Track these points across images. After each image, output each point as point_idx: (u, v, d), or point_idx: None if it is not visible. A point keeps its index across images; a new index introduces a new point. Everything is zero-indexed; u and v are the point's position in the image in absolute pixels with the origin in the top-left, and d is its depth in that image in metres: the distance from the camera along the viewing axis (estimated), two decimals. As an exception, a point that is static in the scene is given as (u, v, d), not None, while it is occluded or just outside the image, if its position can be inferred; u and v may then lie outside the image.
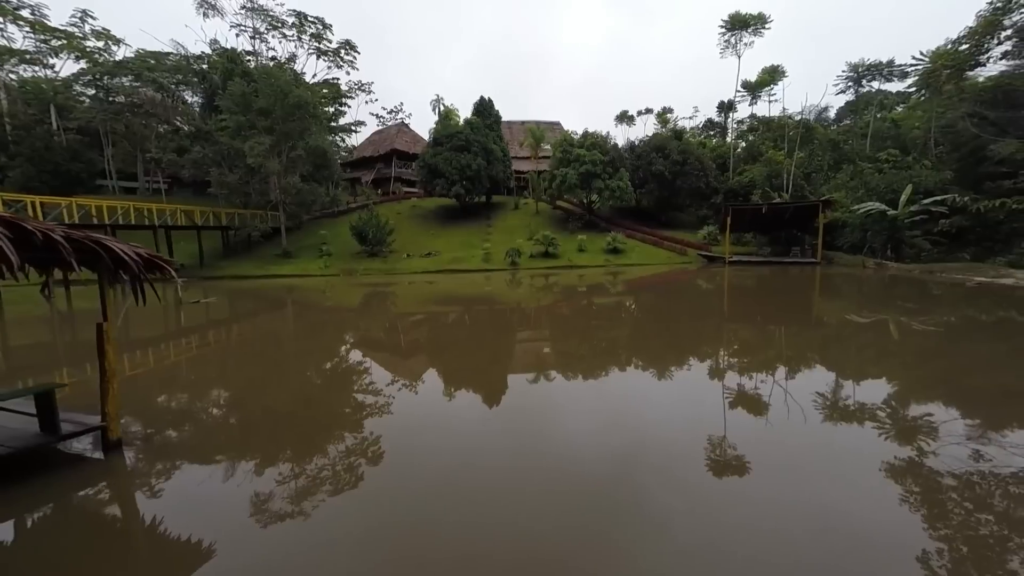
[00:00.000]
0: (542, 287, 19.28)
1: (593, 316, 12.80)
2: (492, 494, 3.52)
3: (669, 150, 32.06)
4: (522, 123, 48.54)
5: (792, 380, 6.54)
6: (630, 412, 5.37)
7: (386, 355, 8.74)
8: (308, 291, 19.22)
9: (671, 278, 21.74)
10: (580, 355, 8.36)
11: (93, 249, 3.61)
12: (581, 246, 28.77)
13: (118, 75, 32.82)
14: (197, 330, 11.66)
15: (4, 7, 29.77)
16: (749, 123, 44.28)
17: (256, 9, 38.64)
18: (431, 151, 33.09)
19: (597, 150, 30.89)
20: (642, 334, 10.61)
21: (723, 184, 34.06)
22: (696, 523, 3.12)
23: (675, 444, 4.43)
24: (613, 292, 17.81)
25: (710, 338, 9.83)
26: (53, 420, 3.78)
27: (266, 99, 26.78)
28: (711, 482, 3.65)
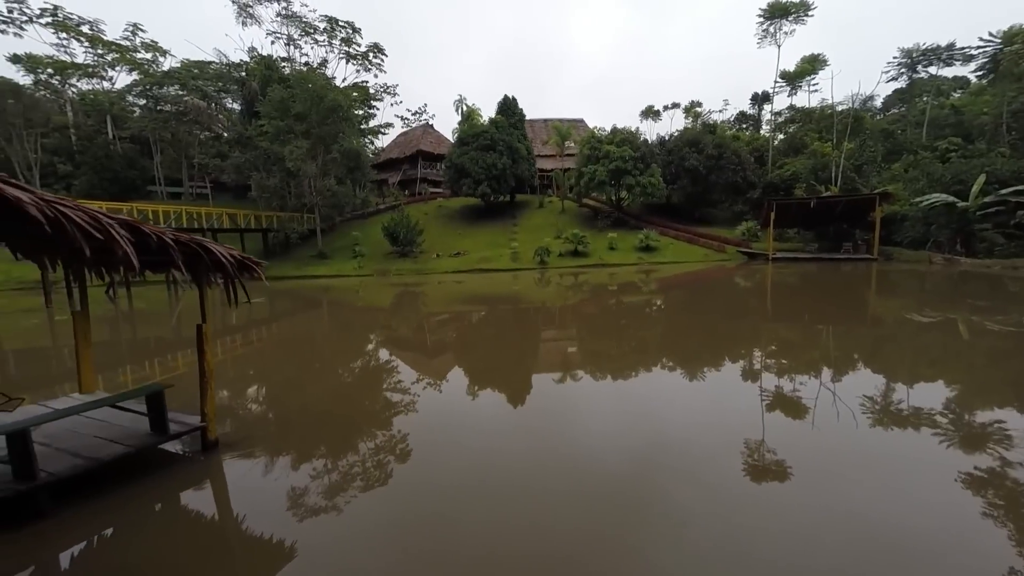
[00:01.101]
0: (571, 286, 19.03)
1: (625, 315, 12.49)
2: (515, 492, 3.52)
3: (703, 144, 30.91)
4: (544, 121, 48.17)
5: (840, 382, 6.14)
6: (658, 413, 5.18)
7: (425, 354, 8.79)
8: (343, 291, 19.71)
9: (708, 276, 20.94)
10: (611, 355, 8.17)
11: (196, 251, 3.72)
12: (612, 244, 28.21)
13: (166, 85, 34.85)
14: (253, 327, 12.15)
15: (68, 24, 32.18)
16: (788, 115, 42.13)
17: (291, 16, 40.10)
18: (457, 151, 33.33)
19: (627, 146, 30.18)
20: (676, 333, 10.25)
21: (761, 178, 32.54)
22: (721, 527, 2.96)
23: (705, 447, 4.21)
24: (646, 290, 17.36)
25: (751, 338, 9.36)
26: (163, 420, 3.87)
27: (302, 104, 27.70)
28: (744, 487, 3.43)
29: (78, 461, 3.35)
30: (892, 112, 41.91)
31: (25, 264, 18.20)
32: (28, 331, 12.60)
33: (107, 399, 3.73)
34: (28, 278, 20.16)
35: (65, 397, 4.84)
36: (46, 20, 32.06)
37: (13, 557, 2.78)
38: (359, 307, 16.10)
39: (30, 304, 16.65)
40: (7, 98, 29.09)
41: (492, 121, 34.53)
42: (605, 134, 33.13)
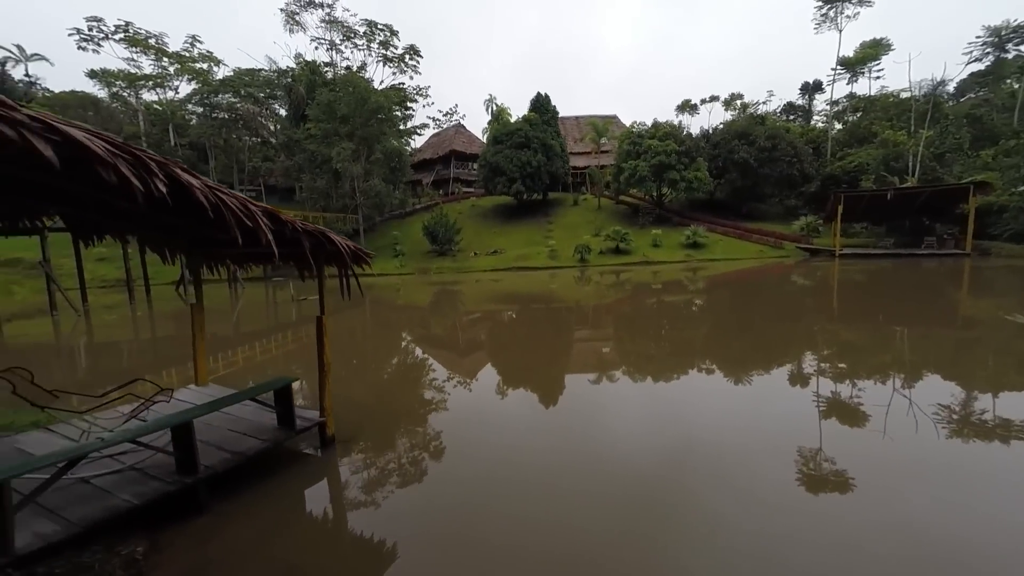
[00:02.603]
0: (614, 284, 18.55)
1: (671, 314, 11.98)
2: (544, 490, 3.52)
3: (754, 136, 29.29)
4: (576, 119, 47.33)
5: (915, 388, 5.63)
6: (699, 418, 4.95)
7: (469, 352, 8.69)
8: (384, 289, 20.05)
9: (764, 273, 19.79)
10: (654, 356, 7.88)
11: (320, 241, 3.73)
12: (656, 241, 27.30)
13: (221, 92, 36.86)
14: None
15: (137, 38, 34.66)
16: (847, 103, 39.22)
17: (333, 22, 41.40)
18: (491, 149, 33.29)
19: (671, 140, 29.08)
20: (727, 334, 9.68)
21: (819, 171, 30.46)
22: (758, 533, 2.84)
23: (750, 453, 3.97)
24: (693, 288, 16.66)
25: (814, 339, 8.72)
26: (290, 414, 3.91)
27: (347, 106, 28.51)
28: (791, 496, 3.23)
29: (226, 455, 3.39)
30: (969, 97, 38.07)
31: (108, 263, 19.55)
32: (113, 325, 13.54)
33: (245, 393, 3.76)
34: (110, 276, 21.86)
35: (186, 388, 5.00)
36: (119, 36, 34.67)
37: (192, 551, 2.78)
38: (418, 306, 16.31)
39: (112, 300, 17.99)
40: (87, 111, 31.57)
41: (525, 118, 34.19)
42: (645, 128, 32.10)
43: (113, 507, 2.62)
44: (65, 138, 2.18)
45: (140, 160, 2.44)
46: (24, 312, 15.05)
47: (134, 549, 2.65)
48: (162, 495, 2.81)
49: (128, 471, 3.10)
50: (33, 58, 42.03)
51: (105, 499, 2.71)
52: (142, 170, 2.44)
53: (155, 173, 2.49)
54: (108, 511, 2.58)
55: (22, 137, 2.05)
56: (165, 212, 4.10)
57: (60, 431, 3.74)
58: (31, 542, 2.23)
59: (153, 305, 16.87)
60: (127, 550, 2.63)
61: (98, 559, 2.50)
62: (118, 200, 3.72)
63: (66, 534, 2.32)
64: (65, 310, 13.89)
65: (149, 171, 2.47)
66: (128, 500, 2.70)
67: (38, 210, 3.86)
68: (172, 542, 2.81)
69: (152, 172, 2.48)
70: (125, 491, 2.82)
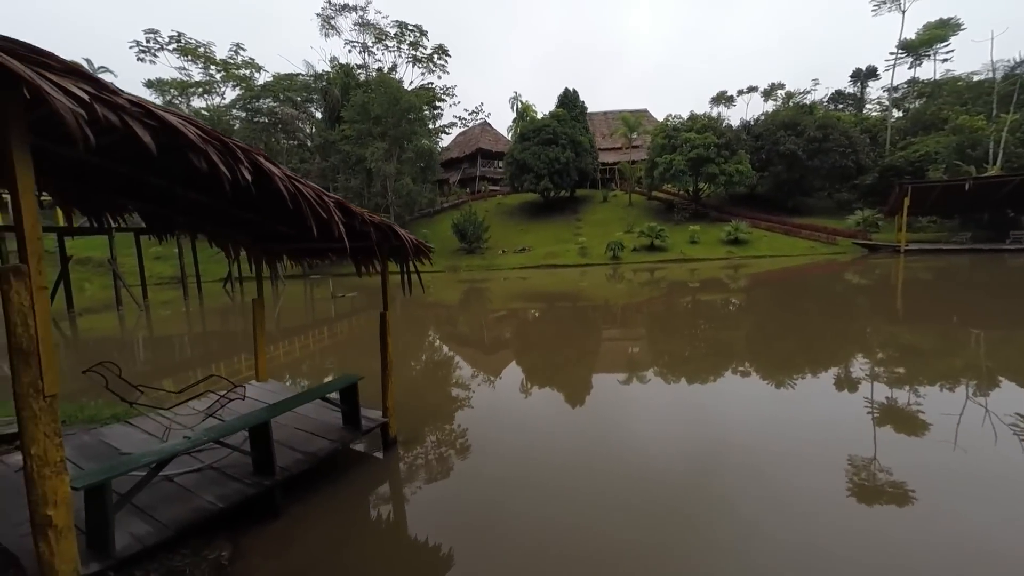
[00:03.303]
0: (647, 282, 17.88)
1: (710, 313, 11.30)
2: (574, 492, 3.37)
3: (803, 126, 27.52)
4: (604, 114, 46.20)
5: (994, 396, 5.09)
6: (735, 422, 4.64)
7: (511, 352, 8.39)
8: (413, 286, 20.09)
9: (815, 271, 18.49)
10: (686, 356, 7.48)
11: (387, 234, 3.60)
12: (693, 237, 26.18)
13: (262, 97, 38.54)
14: (363, 319, 12.69)
15: (188, 48, 36.80)
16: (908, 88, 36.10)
17: (366, 24, 42.35)
18: (518, 146, 32.98)
19: (710, 132, 27.76)
20: (771, 335, 9.05)
21: (877, 161, 28.19)
22: (802, 554, 2.59)
23: (792, 461, 3.69)
24: (734, 287, 15.76)
25: (871, 341, 7.98)
26: (356, 414, 3.81)
27: (380, 106, 29.05)
28: (842, 513, 2.96)
29: (298, 456, 3.28)
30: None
31: (163, 261, 20.59)
32: (170, 319, 14.28)
33: (315, 392, 3.65)
34: (165, 274, 23.28)
35: (250, 384, 5.01)
36: (173, 46, 36.94)
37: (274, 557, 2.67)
38: (449, 304, 16.30)
39: (167, 296, 19.09)
40: (143, 119, 33.68)
41: (553, 114, 33.68)
42: (681, 121, 30.84)
43: (200, 509, 2.54)
44: (162, 123, 2.07)
45: (228, 147, 2.33)
46: (93, 307, 16.14)
47: (219, 554, 2.56)
48: (244, 498, 2.71)
49: (207, 470, 3.04)
50: (100, 71, 45.50)
51: (190, 500, 2.63)
52: (229, 157, 2.33)
53: (241, 160, 2.38)
54: (195, 513, 2.50)
55: (123, 122, 1.95)
56: (236, 206, 4.11)
57: (139, 425, 3.78)
58: (129, 544, 2.16)
59: (204, 302, 17.73)
60: (213, 554, 2.54)
61: (188, 563, 2.41)
62: (194, 193, 3.73)
63: (160, 537, 2.24)
64: (128, 305, 14.79)
65: (236, 158, 2.36)
66: (213, 502, 2.61)
67: (120, 206, 3.92)
68: (253, 547, 2.71)
69: (238, 159, 2.37)
70: (207, 491, 2.74)
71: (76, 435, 3.57)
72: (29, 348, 1.73)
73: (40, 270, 1.79)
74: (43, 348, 1.76)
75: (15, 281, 1.72)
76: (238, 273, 20.66)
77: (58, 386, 1.81)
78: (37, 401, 1.75)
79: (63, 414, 4.50)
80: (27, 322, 1.73)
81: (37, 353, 1.74)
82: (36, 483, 1.74)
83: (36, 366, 1.74)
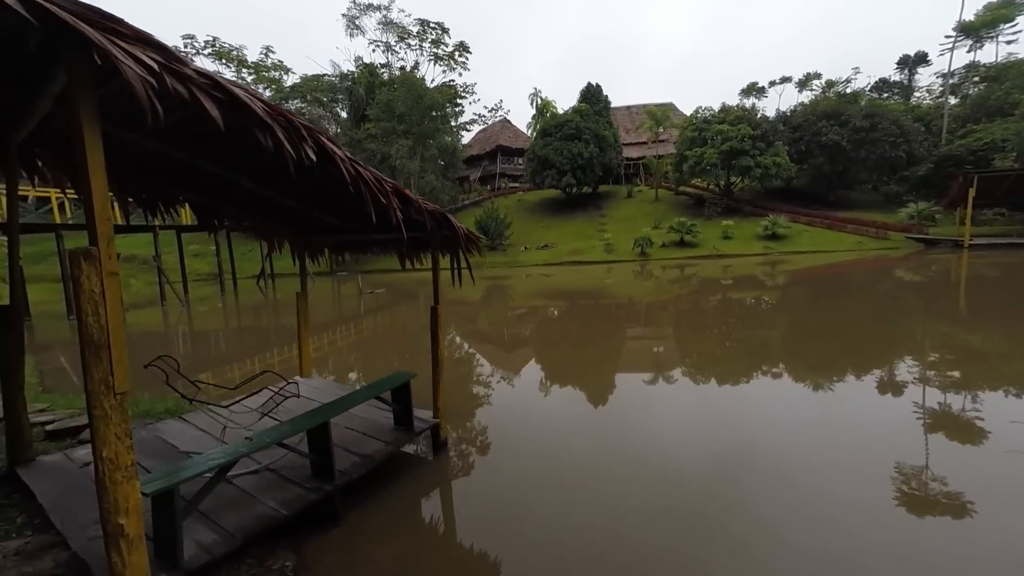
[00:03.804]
0: (677, 279, 17.16)
1: (746, 312, 10.57)
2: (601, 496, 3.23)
3: (847, 116, 25.87)
4: (627, 108, 44.98)
5: None
6: (767, 425, 4.44)
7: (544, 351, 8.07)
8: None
9: (864, 267, 17.33)
10: (717, 356, 7.14)
11: (440, 223, 3.40)
12: (726, 232, 25.12)
13: (291, 98, 39.57)
14: (393, 315, 12.71)
15: (222, 51, 38.18)
16: (967, 73, 33.36)
17: (389, 23, 42.80)
18: (540, 142, 32.49)
19: (744, 124, 26.51)
20: (811, 335, 8.47)
21: (932, 151, 26.21)
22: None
23: (829, 468, 3.49)
24: (771, 284, 14.90)
25: (928, 342, 7.37)
26: (408, 414, 3.62)
27: (404, 104, 29.23)
28: (884, 524, 2.71)
29: (354, 458, 3.11)
30: None
31: (200, 259, 21.24)
32: (210, 315, 14.74)
33: (368, 390, 3.47)
34: (203, 271, 24.22)
35: (295, 382, 4.93)
36: (208, 51, 38.43)
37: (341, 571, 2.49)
38: (472, 302, 16.17)
39: (205, 292, 19.79)
40: (180, 121, 35.21)
41: (576, 109, 32.99)
42: (712, 113, 29.63)
43: (263, 516, 2.39)
44: (230, 97, 1.89)
45: (292, 125, 2.15)
46: (138, 303, 16.88)
47: (283, 564, 2.40)
48: (307, 505, 2.54)
49: (264, 471, 2.90)
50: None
51: (252, 505, 2.48)
52: (294, 135, 2.15)
53: (305, 139, 2.20)
54: (260, 520, 2.35)
55: (192, 95, 1.78)
56: (286, 194, 3.99)
57: (193, 421, 3.72)
58: (197, 554, 2.02)
59: (239, 297, 18.26)
60: (277, 564, 2.38)
61: (253, 574, 2.25)
62: (247, 180, 3.62)
63: (228, 547, 2.09)
64: (171, 301, 15.36)
65: (300, 136, 2.18)
66: (275, 508, 2.45)
67: (172, 197, 3.87)
68: (318, 558, 2.54)
69: (303, 137, 2.19)
70: (268, 496, 2.59)
71: (134, 431, 3.52)
72: (100, 340, 1.58)
73: (110, 254, 1.64)
74: (113, 340, 1.61)
75: (85, 265, 1.56)
76: (270, 270, 21.19)
77: (128, 382, 1.67)
78: (108, 399, 1.60)
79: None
80: (98, 311, 1.58)
81: (108, 345, 1.59)
82: (108, 489, 1.60)
83: (107, 360, 1.59)
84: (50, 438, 3.41)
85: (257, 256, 24.40)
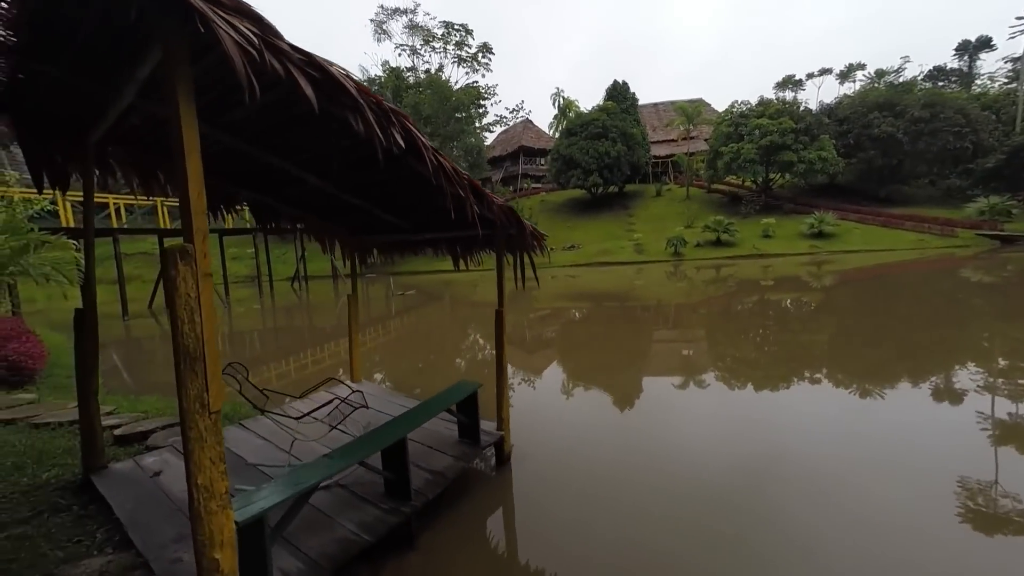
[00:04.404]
0: (712, 280, 16.26)
1: (796, 316, 9.78)
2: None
3: (903, 106, 24.01)
4: (654, 105, 43.70)
5: None
6: (810, 437, 4.20)
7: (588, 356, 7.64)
8: (462, 285, 19.99)
9: (927, 267, 15.92)
10: (756, 362, 6.62)
11: (510, 221, 3.20)
12: (767, 231, 23.83)
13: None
14: (431, 322, 12.66)
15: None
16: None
17: (415, 27, 43.53)
18: (564, 142, 31.94)
19: (786, 117, 25.13)
20: (864, 339, 7.76)
21: (1004, 141, 23.98)
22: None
23: (883, 485, 3.22)
24: (817, 286, 13.85)
25: (992, 348, 6.63)
26: (475, 427, 3.37)
27: (431, 106, 29.49)
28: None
29: (425, 475, 2.87)
30: None
31: (238, 261, 21.91)
32: (250, 315, 15.16)
33: (438, 401, 3.22)
34: (240, 273, 25.16)
35: (360, 390, 4.77)
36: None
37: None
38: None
39: (242, 294, 20.47)
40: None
41: (602, 107, 32.29)
42: (750, 107, 28.30)
43: (345, 541, 2.18)
44: (326, 76, 1.67)
45: (381, 108, 1.93)
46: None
47: (367, 595, 2.16)
48: (388, 529, 2.31)
49: (335, 488, 2.70)
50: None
51: (331, 528, 2.28)
52: (383, 119, 1.93)
53: (393, 123, 1.98)
54: (341, 547, 2.13)
55: (287, 72, 1.57)
56: (350, 190, 3.82)
57: (254, 428, 3.60)
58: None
59: (275, 299, 18.78)
60: (360, 595, 2.15)
61: (338, 607, 2.02)
62: (314, 176, 3.47)
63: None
64: (214, 303, 15.93)
65: (388, 121, 1.96)
66: (356, 532, 2.24)
67: (233, 196, 3.79)
68: (400, 587, 2.30)
69: (391, 122, 1.97)
70: (345, 518, 2.38)
71: (197, 435, 3.43)
72: (196, 352, 1.38)
73: (204, 251, 1.44)
74: (208, 352, 1.42)
75: (182, 265, 1.37)
76: (304, 272, 21.71)
77: (223, 399, 1.47)
78: (203, 419, 1.40)
79: (174, 411, 4.43)
80: (194, 318, 1.38)
81: (203, 358, 1.40)
82: (203, 520, 1.40)
83: (202, 375, 1.40)
84: (118, 443, 3.36)
85: (291, 259, 25.12)
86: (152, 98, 2.26)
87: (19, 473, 2.81)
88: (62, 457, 3.11)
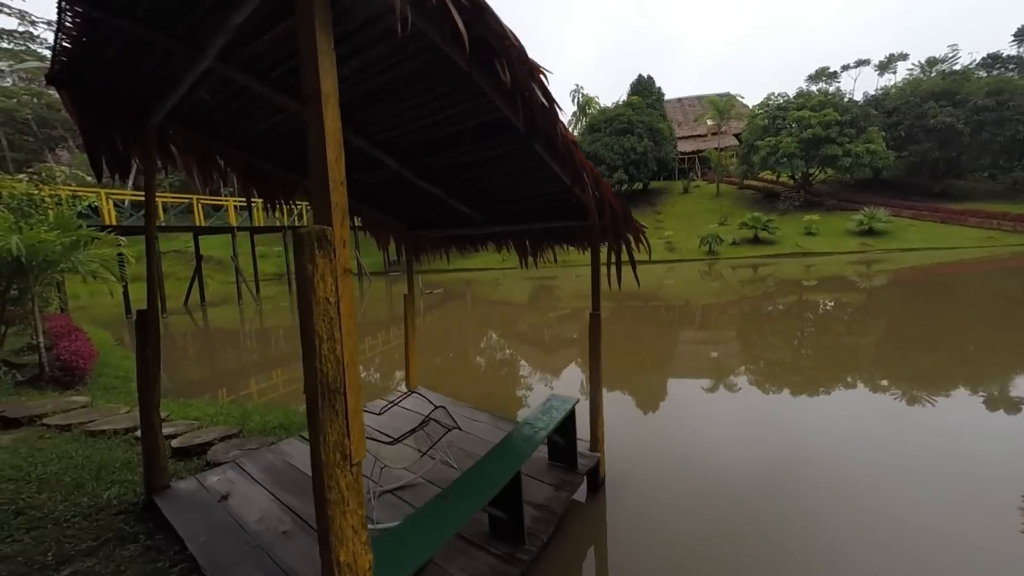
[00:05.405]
0: (750, 280, 15.32)
1: (841, 320, 8.87)
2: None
3: (963, 94, 22.25)
4: (679, 100, 42.23)
5: None
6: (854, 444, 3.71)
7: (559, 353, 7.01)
8: (484, 284, 19.55)
9: (998, 266, 14.60)
10: (801, 366, 6.12)
11: (619, 214, 2.81)
12: (809, 228, 22.49)
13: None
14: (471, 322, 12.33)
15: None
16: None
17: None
18: (587, 138, 31.13)
19: (829, 109, 23.69)
20: (920, 343, 7.07)
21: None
22: None
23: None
24: (864, 287, 12.93)
25: None
26: (572, 451, 2.90)
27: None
28: None
29: (532, 511, 2.41)
30: None
31: (266, 259, 21.93)
32: (280, 312, 15.18)
33: (543, 422, 2.74)
34: (268, 271, 25.54)
35: (443, 407, 4.31)
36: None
37: None
38: (517, 303, 15.50)
39: (272, 292, 20.65)
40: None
41: (628, 102, 31.29)
42: (788, 99, 26.88)
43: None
44: (473, 4, 1.26)
45: (525, 56, 1.51)
46: (213, 301, 17.85)
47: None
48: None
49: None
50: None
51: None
52: (522, 69, 1.51)
53: (533, 74, 1.57)
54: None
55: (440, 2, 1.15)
56: (428, 177, 3.40)
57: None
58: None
59: (365, 292, 18.62)
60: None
61: None
62: (392, 159, 3.08)
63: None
64: (246, 299, 16.06)
65: (528, 72, 1.54)
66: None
67: (293, 187, 3.45)
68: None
69: (531, 72, 1.55)
70: (455, 566, 1.96)
71: (259, 451, 3.10)
72: (336, 383, 0.97)
73: (344, 239, 1.02)
74: (349, 381, 1.01)
75: (319, 257, 0.96)
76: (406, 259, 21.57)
77: (364, 449, 1.05)
78: (344, 474, 0.99)
79: (234, 415, 4.10)
80: (334, 334, 0.97)
81: (344, 391, 1.00)
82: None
83: (343, 414, 0.99)
84: (177, 456, 3.07)
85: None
86: (233, 61, 1.90)
87: (79, 492, 2.53)
88: (121, 472, 2.83)
